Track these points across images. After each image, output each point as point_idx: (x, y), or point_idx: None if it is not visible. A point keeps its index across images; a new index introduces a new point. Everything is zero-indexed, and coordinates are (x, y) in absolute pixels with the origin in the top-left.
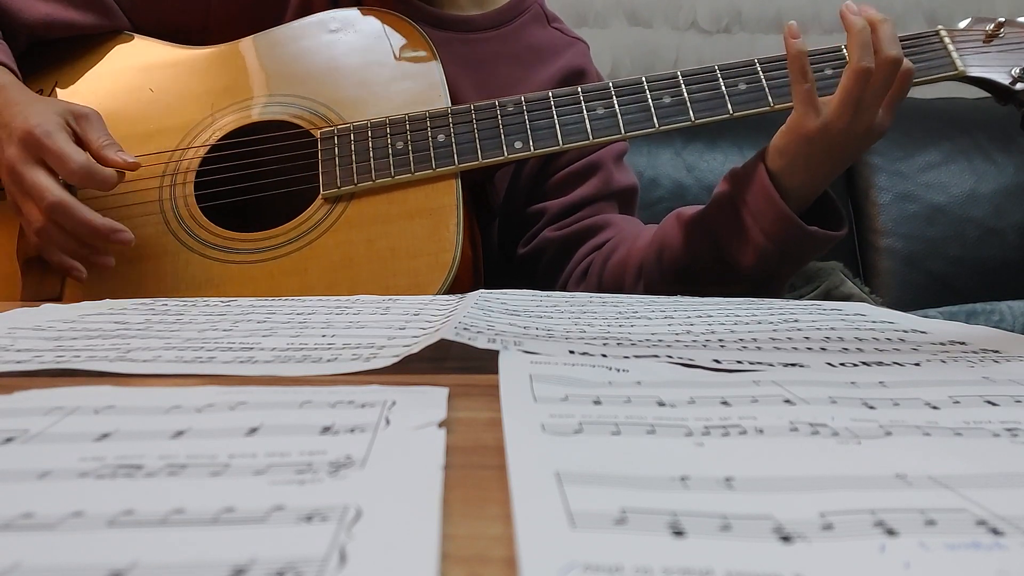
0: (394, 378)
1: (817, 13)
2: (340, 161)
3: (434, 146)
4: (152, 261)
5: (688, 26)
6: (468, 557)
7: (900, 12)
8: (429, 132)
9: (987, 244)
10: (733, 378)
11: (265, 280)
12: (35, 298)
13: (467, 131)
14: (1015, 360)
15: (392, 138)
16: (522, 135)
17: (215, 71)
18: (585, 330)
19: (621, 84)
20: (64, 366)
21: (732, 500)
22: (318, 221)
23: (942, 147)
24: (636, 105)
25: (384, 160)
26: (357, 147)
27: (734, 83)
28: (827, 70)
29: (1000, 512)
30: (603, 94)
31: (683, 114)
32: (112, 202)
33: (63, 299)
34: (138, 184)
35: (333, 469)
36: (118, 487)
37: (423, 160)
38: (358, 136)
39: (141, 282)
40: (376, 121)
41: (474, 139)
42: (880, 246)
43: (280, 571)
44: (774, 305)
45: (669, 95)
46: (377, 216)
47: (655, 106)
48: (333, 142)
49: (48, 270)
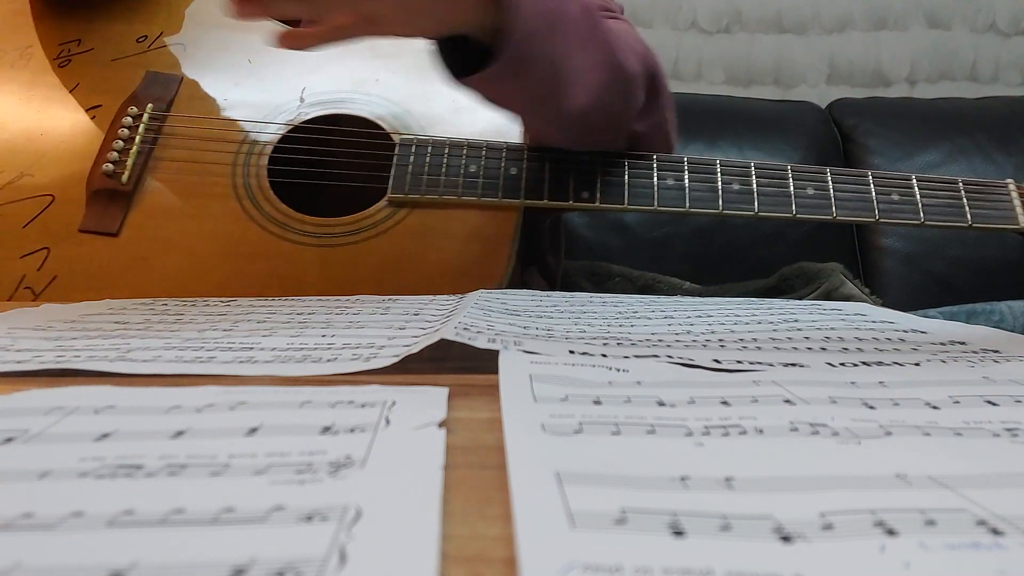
0: (394, 378)
1: (817, 13)
2: (413, 169)
3: (504, 176)
4: (213, 222)
5: (688, 26)
6: (468, 557)
7: (900, 12)
8: (503, 163)
9: (987, 244)
10: (733, 378)
11: (316, 264)
12: (94, 229)
13: (539, 170)
14: (1015, 360)
15: (467, 160)
16: (590, 188)
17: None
18: (585, 330)
19: (695, 161)
20: (64, 366)
21: (732, 500)
22: (378, 221)
23: (942, 147)
24: (706, 185)
25: (455, 179)
26: (432, 160)
27: (802, 186)
28: (809, 189)
29: (1000, 512)
30: (676, 166)
31: (748, 204)
32: (186, 156)
33: (119, 235)
34: (216, 146)
35: (333, 469)
36: (118, 487)
37: (491, 187)
38: (436, 150)
39: (198, 241)
40: (456, 140)
41: (543, 179)
42: (880, 246)
43: (280, 571)
44: (774, 305)
45: (739, 182)
46: (435, 230)
47: (723, 190)
48: (411, 150)
49: (111, 206)
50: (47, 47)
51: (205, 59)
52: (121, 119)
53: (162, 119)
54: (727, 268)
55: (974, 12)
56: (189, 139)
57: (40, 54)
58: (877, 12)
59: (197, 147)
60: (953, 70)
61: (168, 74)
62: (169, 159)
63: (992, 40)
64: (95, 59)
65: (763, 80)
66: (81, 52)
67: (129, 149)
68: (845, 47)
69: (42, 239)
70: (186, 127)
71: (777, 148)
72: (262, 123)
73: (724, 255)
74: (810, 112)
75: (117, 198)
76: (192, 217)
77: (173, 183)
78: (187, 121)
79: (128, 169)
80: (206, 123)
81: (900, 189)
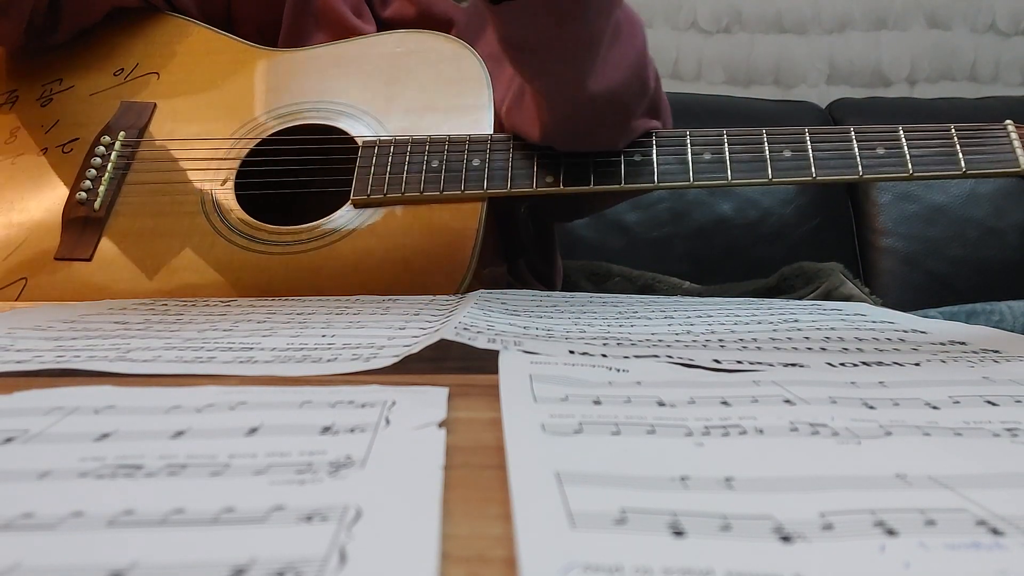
0: (394, 378)
1: (817, 13)
2: (375, 170)
3: (467, 169)
4: (181, 239)
5: (688, 26)
6: (468, 557)
7: (900, 12)
8: (466, 155)
9: (987, 244)
10: (733, 378)
11: (280, 272)
12: (69, 256)
13: (502, 159)
14: (1015, 360)
15: (430, 156)
16: (554, 172)
17: (278, 71)
18: (585, 330)
19: (664, 135)
20: (64, 366)
21: (732, 500)
22: (342, 224)
23: None
24: (675, 158)
25: (417, 175)
26: (395, 160)
27: (779, 149)
28: (786, 152)
29: (1000, 512)
30: (644, 142)
31: (721, 172)
32: (158, 179)
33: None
34: (186, 165)
35: (333, 469)
36: (118, 487)
37: (454, 181)
38: (398, 150)
39: (165, 258)
40: (419, 138)
41: (507, 167)
42: (880, 246)
43: (280, 571)
44: (774, 305)
45: (710, 152)
46: (399, 228)
47: (694, 161)
48: (373, 152)
49: (84, 233)
50: (31, 88)
51: (177, 85)
52: (95, 148)
53: (135, 145)
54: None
55: (974, 12)
56: (161, 161)
57: (25, 96)
58: (877, 12)
59: (168, 168)
60: (953, 70)
61: (142, 102)
62: (141, 183)
63: (992, 40)
64: (74, 95)
65: (763, 80)
66: (62, 90)
67: (102, 176)
68: (845, 47)
69: (20, 270)
70: (158, 150)
71: None
72: (231, 139)
73: (724, 255)
74: (810, 112)
75: (90, 224)
76: (161, 236)
77: (144, 205)
78: (159, 145)
79: (100, 196)
80: (179, 144)
81: (886, 142)
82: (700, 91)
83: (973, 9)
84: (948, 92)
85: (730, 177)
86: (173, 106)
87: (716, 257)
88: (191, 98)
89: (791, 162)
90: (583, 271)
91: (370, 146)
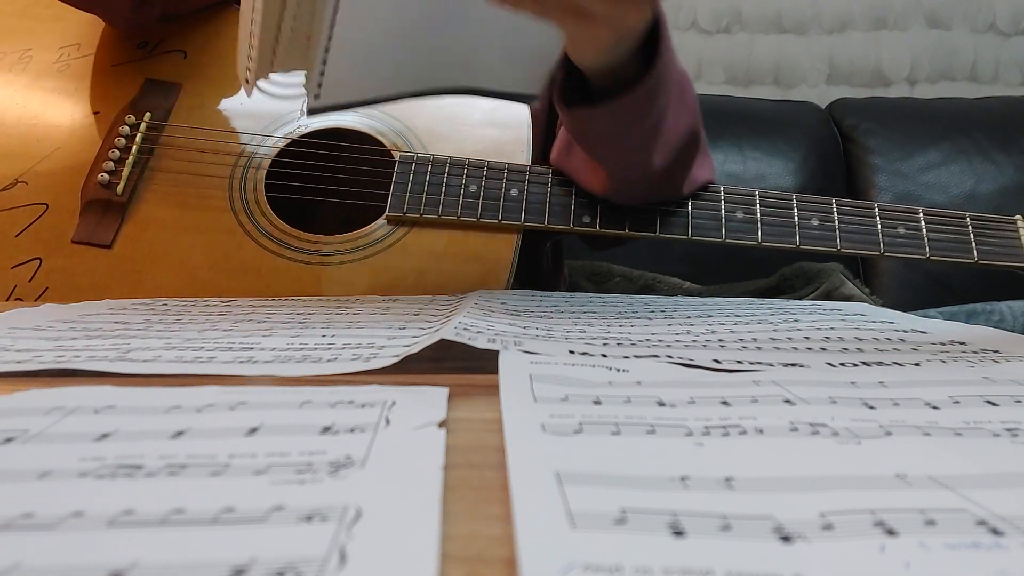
0: (394, 378)
1: (817, 13)
2: (412, 187)
3: (505, 199)
4: (207, 235)
5: (688, 26)
6: (468, 557)
7: (900, 12)
8: (504, 184)
9: None
10: (733, 378)
11: (311, 283)
12: (87, 240)
13: (540, 192)
14: (1015, 360)
15: (467, 179)
16: (591, 212)
17: None
18: (585, 330)
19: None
20: (64, 366)
21: (732, 500)
22: (376, 239)
23: (942, 147)
24: (709, 213)
25: (454, 199)
26: (432, 179)
27: (807, 217)
28: (814, 220)
29: (1000, 512)
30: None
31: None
32: (183, 168)
33: (112, 247)
34: (214, 158)
35: (333, 469)
36: (118, 487)
37: (491, 209)
38: (436, 168)
39: (191, 255)
40: (456, 159)
41: (545, 202)
42: None
43: (280, 571)
44: (774, 305)
45: (742, 211)
46: (433, 251)
47: (727, 219)
48: (410, 167)
49: (105, 217)
50: (46, 51)
51: (206, 68)
52: (118, 127)
53: (160, 129)
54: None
55: (974, 12)
56: (187, 150)
57: (39, 58)
58: (877, 12)
59: (195, 158)
60: (953, 70)
61: (168, 82)
62: (166, 170)
63: (992, 40)
64: (94, 65)
65: (763, 80)
66: (80, 57)
67: (125, 159)
68: (845, 47)
69: (34, 249)
70: (184, 138)
71: (777, 148)
72: (261, 135)
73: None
74: (810, 112)
75: (111, 209)
76: (186, 230)
77: (169, 195)
78: (185, 131)
79: (124, 180)
80: (204, 134)
81: (906, 223)
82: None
83: (973, 9)
84: (948, 92)
85: (760, 240)
86: (200, 90)
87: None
88: (219, 85)
89: (818, 231)
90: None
91: (407, 161)
